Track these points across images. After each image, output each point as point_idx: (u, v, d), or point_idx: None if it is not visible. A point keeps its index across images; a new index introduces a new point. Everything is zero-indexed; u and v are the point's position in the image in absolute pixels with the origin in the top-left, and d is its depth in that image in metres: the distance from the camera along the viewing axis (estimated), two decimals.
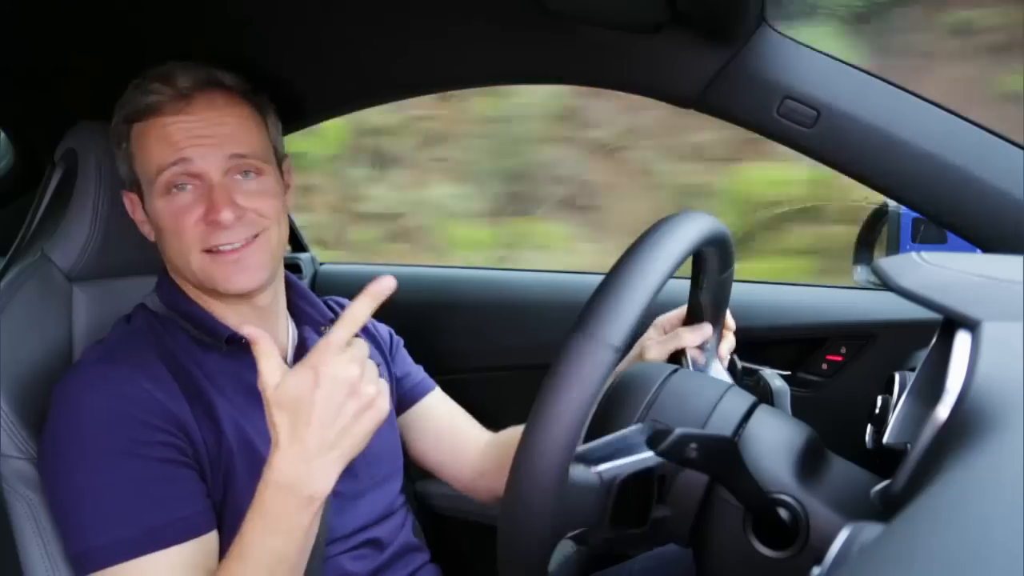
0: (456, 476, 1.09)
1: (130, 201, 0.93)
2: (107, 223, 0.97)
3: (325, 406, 0.69)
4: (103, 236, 0.97)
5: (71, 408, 0.79)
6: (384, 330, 1.11)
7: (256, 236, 0.87)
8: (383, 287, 0.71)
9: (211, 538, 0.80)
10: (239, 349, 0.87)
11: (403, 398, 1.08)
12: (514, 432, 1.05)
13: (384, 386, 0.73)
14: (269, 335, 0.71)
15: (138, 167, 0.89)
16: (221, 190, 0.86)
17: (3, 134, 1.49)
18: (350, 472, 0.88)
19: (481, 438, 1.09)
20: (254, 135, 0.90)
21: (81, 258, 0.96)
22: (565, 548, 0.66)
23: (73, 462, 0.78)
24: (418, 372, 1.11)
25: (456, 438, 1.09)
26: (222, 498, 0.83)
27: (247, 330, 0.71)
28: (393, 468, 1.00)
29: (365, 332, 1.06)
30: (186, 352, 0.87)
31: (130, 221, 0.94)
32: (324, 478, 0.71)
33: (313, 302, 1.00)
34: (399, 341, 1.12)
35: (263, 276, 0.88)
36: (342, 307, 1.07)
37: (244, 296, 0.90)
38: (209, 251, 0.86)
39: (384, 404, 0.73)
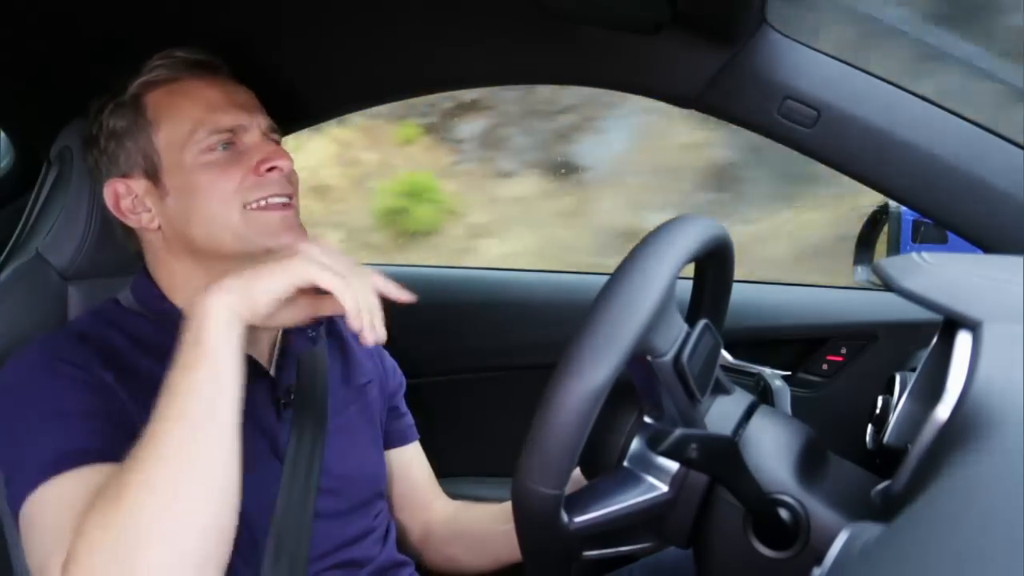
0: (401, 531, 1.05)
1: (125, 188, 0.86)
2: (103, 221, 0.96)
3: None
4: (98, 234, 0.96)
5: (3, 371, 0.78)
6: (390, 362, 1.08)
7: (293, 197, 0.86)
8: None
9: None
10: None
11: (391, 435, 1.05)
12: (462, 509, 1.04)
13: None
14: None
15: (164, 133, 0.84)
16: (272, 143, 0.85)
17: (3, 134, 1.49)
18: (327, 492, 0.86)
19: (436, 503, 1.07)
20: None
21: (76, 257, 0.96)
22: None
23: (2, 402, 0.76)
24: (409, 417, 1.08)
25: (415, 495, 1.06)
26: None
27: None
28: (375, 491, 0.96)
29: (369, 356, 1.04)
30: (147, 347, 0.82)
31: None
32: (213, 299, 0.68)
33: None
34: (403, 380, 1.09)
35: (304, 236, 0.86)
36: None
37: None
38: (254, 207, 0.83)
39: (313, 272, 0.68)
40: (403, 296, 0.73)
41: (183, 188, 0.83)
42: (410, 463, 1.07)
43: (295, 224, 0.85)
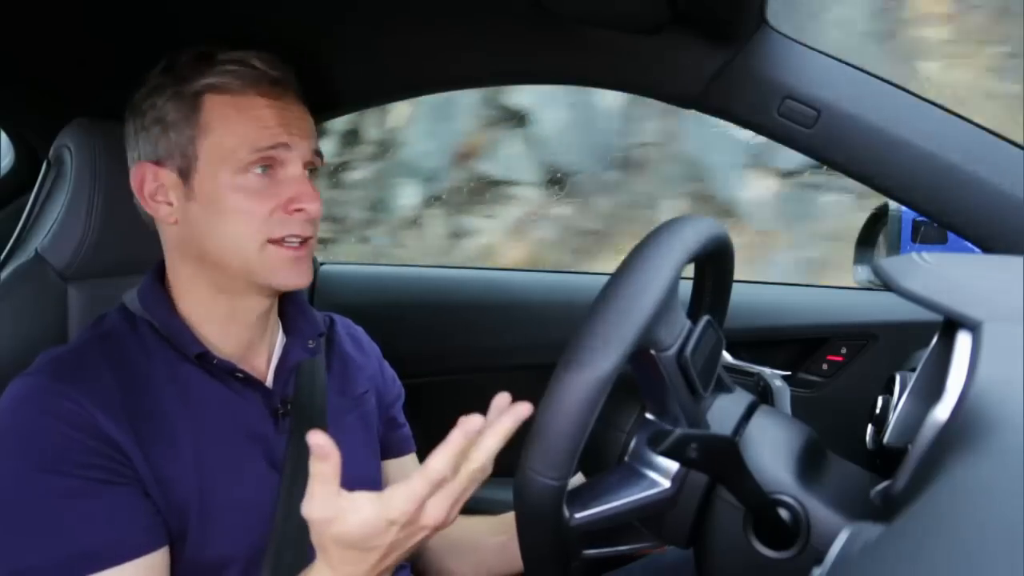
0: None
1: (153, 175, 0.84)
2: (103, 221, 0.95)
3: (400, 544, 0.68)
4: (98, 234, 0.96)
5: (2, 421, 0.75)
6: (389, 372, 1.08)
7: (310, 237, 0.86)
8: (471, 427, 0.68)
9: (156, 557, 0.75)
10: (214, 367, 0.83)
11: (388, 445, 1.04)
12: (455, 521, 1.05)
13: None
14: (334, 450, 0.65)
15: (210, 140, 0.82)
16: (308, 182, 0.85)
17: (3, 134, 1.49)
18: None
19: None
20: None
21: (76, 257, 0.95)
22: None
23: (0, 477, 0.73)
24: (407, 428, 1.08)
25: None
26: (177, 527, 0.78)
27: (313, 440, 0.64)
28: None
29: (368, 365, 1.03)
30: (159, 362, 0.82)
31: (127, 218, 0.90)
32: None
33: (305, 311, 0.96)
34: (401, 391, 1.09)
35: (310, 277, 0.87)
36: (345, 326, 1.04)
37: (266, 297, 0.87)
38: (273, 242, 0.83)
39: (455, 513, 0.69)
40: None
41: (211, 200, 0.82)
42: (406, 475, 1.06)
43: (304, 267, 0.85)
